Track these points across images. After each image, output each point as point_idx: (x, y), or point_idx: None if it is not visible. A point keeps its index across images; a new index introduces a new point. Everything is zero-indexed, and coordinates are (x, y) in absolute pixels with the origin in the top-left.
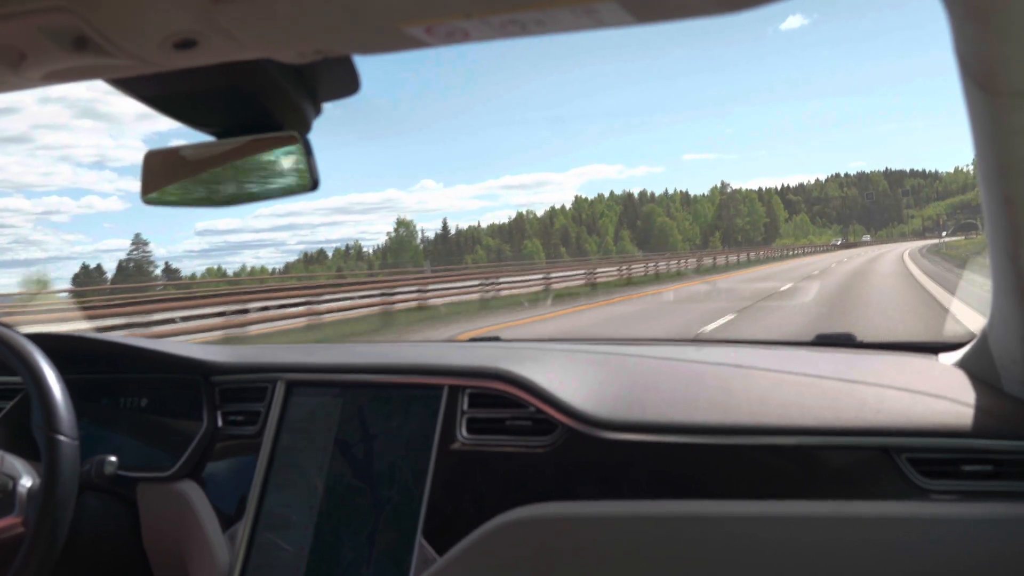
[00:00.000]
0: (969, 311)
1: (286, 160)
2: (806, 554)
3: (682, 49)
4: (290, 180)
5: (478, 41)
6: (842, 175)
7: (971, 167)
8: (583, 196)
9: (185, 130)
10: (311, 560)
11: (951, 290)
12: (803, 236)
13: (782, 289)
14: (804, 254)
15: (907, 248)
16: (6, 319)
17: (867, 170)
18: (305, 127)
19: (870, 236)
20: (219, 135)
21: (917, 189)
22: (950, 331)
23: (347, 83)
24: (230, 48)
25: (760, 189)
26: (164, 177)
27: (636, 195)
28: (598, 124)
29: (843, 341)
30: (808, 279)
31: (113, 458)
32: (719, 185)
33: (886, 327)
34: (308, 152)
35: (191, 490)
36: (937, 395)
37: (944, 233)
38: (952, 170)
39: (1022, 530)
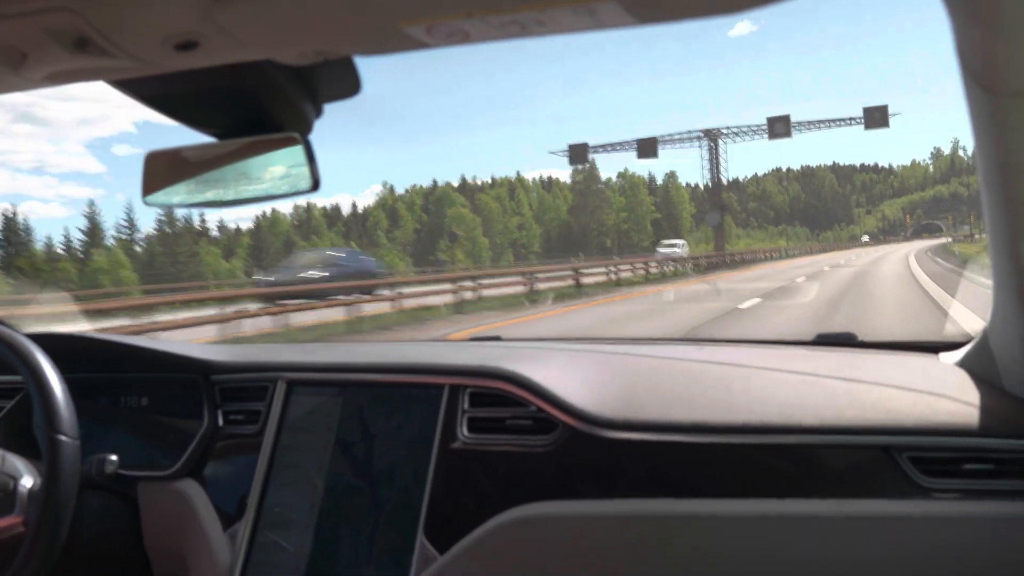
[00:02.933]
0: None
1: (287, 161)
2: (807, 553)
3: (635, 55)
4: (291, 181)
5: (479, 42)
6: (783, 170)
7: (930, 161)
8: (389, 185)
9: (131, 136)
10: (312, 559)
11: None
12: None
13: None
14: None
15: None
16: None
17: (812, 164)
18: (306, 128)
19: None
20: (220, 136)
21: (869, 185)
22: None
23: (348, 84)
24: (231, 49)
25: (650, 175)
26: (165, 178)
27: (473, 180)
28: (556, 126)
29: (844, 340)
30: None
31: (114, 457)
32: (582, 167)
33: None
34: (309, 153)
35: (192, 489)
36: (938, 394)
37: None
38: (908, 163)
39: (1023, 529)
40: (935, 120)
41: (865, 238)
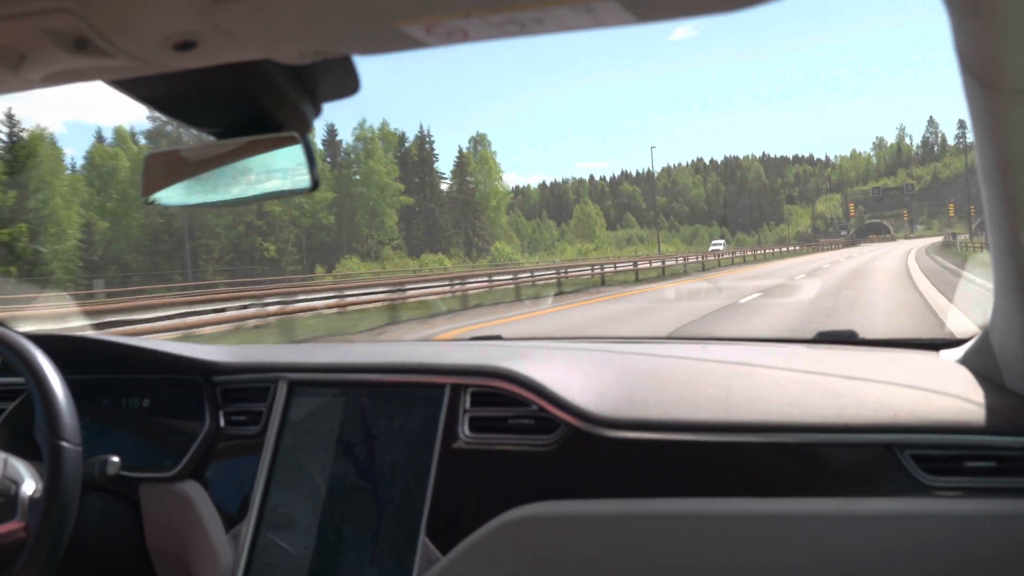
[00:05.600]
0: None
1: (286, 160)
2: (810, 551)
3: (580, 58)
4: (290, 180)
5: (477, 40)
6: (706, 161)
7: (872, 151)
8: None
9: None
10: (314, 560)
11: None
12: (587, 245)
13: None
14: None
15: None
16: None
17: (739, 155)
18: (305, 127)
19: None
20: (219, 136)
21: (803, 178)
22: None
23: (347, 83)
24: (230, 49)
25: (423, 130)
26: (165, 178)
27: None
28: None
29: (845, 338)
30: None
31: (116, 458)
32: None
33: None
34: (308, 152)
35: (194, 490)
36: (940, 392)
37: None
38: (848, 154)
39: None
40: (878, 108)
41: (719, 243)
